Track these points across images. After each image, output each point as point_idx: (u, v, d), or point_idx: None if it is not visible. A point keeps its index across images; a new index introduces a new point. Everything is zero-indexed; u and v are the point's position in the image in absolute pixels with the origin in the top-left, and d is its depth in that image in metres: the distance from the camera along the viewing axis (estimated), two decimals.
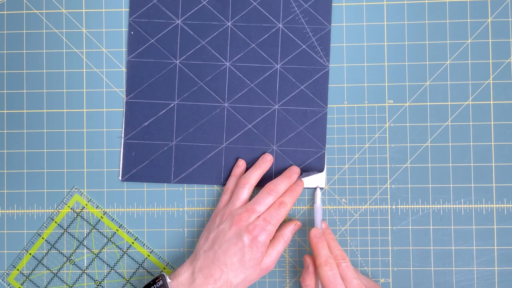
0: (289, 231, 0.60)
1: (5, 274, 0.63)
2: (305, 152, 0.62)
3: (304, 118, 0.62)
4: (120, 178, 0.63)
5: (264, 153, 0.62)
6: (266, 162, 0.62)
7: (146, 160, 0.63)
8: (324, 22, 0.63)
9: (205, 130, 0.63)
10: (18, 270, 0.63)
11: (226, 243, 0.57)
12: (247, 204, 0.59)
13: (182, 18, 0.63)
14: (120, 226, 0.63)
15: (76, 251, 0.63)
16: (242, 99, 0.63)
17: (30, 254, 0.63)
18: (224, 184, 0.63)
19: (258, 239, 0.56)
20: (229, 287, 0.56)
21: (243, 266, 0.56)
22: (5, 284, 0.63)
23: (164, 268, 0.63)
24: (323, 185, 0.62)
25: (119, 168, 0.63)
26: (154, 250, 0.63)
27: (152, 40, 0.63)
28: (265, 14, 0.63)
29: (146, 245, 0.63)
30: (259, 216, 0.58)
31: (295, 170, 0.61)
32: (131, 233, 0.63)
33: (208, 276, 0.56)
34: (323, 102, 0.62)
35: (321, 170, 0.62)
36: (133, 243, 0.63)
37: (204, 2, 0.63)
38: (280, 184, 0.59)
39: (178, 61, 0.63)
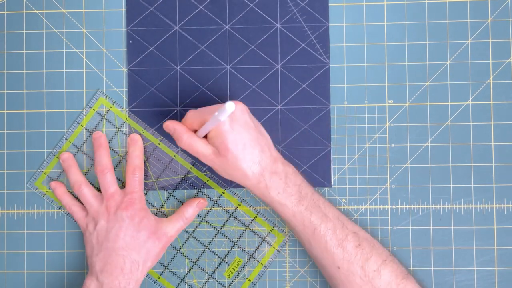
0: (191, 208, 0.61)
1: (32, 178, 0.63)
2: (311, 150, 0.62)
3: (307, 117, 0.62)
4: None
5: None
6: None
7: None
8: (322, 20, 0.63)
9: None
10: (45, 174, 0.63)
11: (112, 232, 0.58)
12: (100, 195, 0.60)
13: (180, 24, 0.63)
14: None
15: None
16: (245, 101, 0.62)
17: (57, 158, 0.63)
18: (232, 186, 0.63)
19: (135, 209, 0.58)
20: (138, 267, 0.57)
21: (139, 241, 0.58)
22: (32, 188, 0.63)
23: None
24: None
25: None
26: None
27: (151, 48, 0.63)
28: (263, 15, 0.63)
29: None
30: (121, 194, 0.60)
31: (96, 136, 0.62)
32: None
33: (112, 270, 0.57)
34: (326, 99, 0.62)
35: (327, 170, 0.62)
36: (159, 144, 0.63)
37: (201, 7, 0.63)
38: (101, 157, 0.61)
39: (178, 67, 0.63)
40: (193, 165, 0.63)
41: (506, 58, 0.62)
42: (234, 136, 0.54)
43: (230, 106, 0.50)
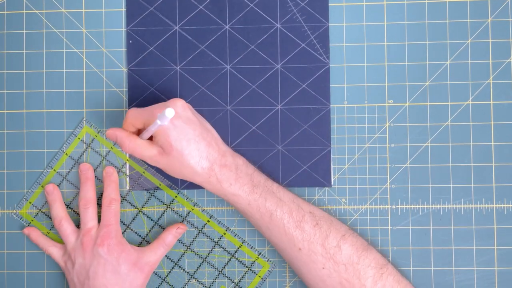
0: (171, 234, 0.61)
1: (17, 207, 0.63)
2: (311, 150, 0.62)
3: (307, 117, 0.62)
4: (128, 187, 0.63)
5: (269, 154, 0.62)
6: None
7: (152, 168, 0.63)
8: (321, 20, 0.63)
9: None
10: (30, 202, 0.63)
11: (92, 270, 0.58)
12: (79, 231, 0.60)
13: (180, 24, 0.63)
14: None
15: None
16: (244, 101, 0.63)
17: (42, 187, 0.63)
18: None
19: (111, 244, 0.58)
20: None
21: (120, 275, 0.58)
22: (17, 218, 0.63)
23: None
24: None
25: (127, 177, 0.63)
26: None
27: (151, 48, 0.63)
28: (263, 15, 0.63)
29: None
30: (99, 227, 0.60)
31: (83, 168, 0.62)
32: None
33: None
34: (326, 99, 0.62)
35: (327, 170, 0.62)
36: (144, 173, 0.63)
37: (201, 7, 0.63)
38: (87, 192, 0.60)
39: (178, 67, 0.63)
40: (178, 194, 0.63)
41: (506, 58, 0.62)
42: (177, 132, 0.55)
43: (170, 112, 0.51)
